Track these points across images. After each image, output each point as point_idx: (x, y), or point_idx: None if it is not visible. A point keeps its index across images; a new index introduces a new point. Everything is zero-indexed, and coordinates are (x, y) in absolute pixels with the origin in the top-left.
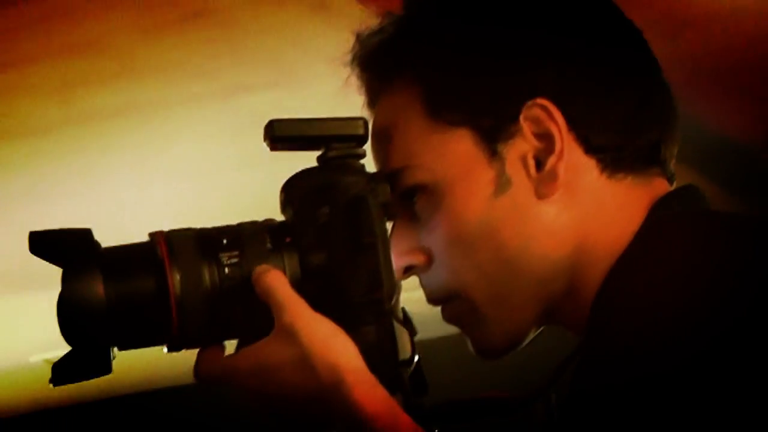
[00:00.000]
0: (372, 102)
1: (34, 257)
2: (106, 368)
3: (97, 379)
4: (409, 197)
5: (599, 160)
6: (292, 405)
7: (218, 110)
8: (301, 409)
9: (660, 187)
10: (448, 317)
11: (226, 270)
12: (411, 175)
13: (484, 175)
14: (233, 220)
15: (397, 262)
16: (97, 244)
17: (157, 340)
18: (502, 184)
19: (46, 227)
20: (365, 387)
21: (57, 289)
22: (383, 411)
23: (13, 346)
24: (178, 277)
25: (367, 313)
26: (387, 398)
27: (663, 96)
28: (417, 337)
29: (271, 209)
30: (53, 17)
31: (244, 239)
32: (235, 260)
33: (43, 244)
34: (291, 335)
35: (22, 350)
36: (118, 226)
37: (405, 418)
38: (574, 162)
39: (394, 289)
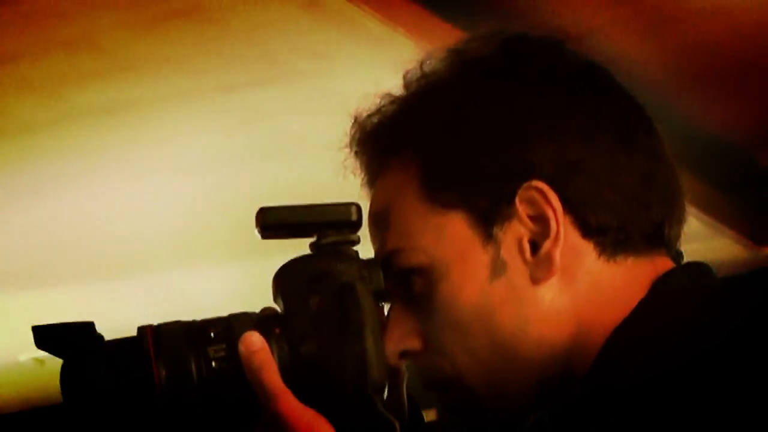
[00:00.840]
0: (370, 182)
1: (25, 257)
2: None
3: None
4: (405, 279)
5: (598, 243)
6: None
7: (210, 107)
8: None
9: (663, 265)
10: (445, 405)
11: (213, 363)
12: (407, 257)
13: (479, 259)
14: (226, 217)
15: (393, 346)
16: (100, 338)
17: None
18: (497, 268)
19: (36, 226)
20: None
21: (47, 288)
22: None
23: (2, 344)
24: (164, 372)
25: (351, 404)
26: None
27: (666, 173)
28: None
29: (264, 204)
30: (43, 14)
31: (233, 332)
32: (222, 353)
33: (47, 337)
34: (277, 424)
35: (12, 349)
36: (111, 224)
37: None
38: (572, 245)
39: (384, 381)
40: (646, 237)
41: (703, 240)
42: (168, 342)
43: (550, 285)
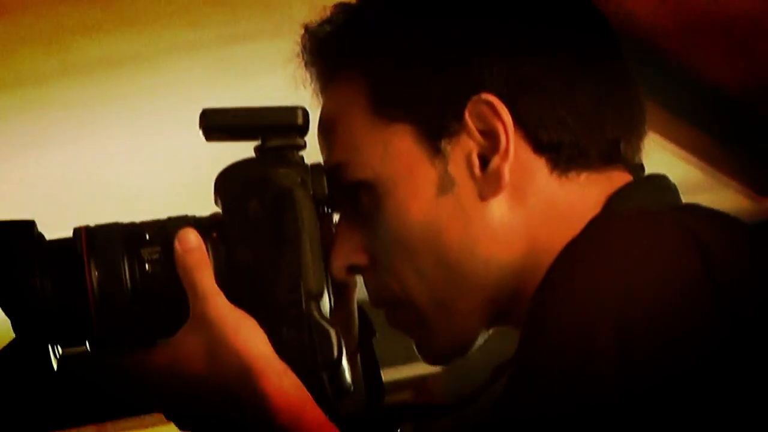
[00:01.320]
0: (321, 91)
1: (27, 209)
2: (48, 366)
3: None
4: (352, 194)
5: (550, 159)
6: (203, 402)
7: (212, 59)
8: (212, 406)
9: (620, 180)
10: (393, 323)
11: (147, 266)
12: (352, 171)
13: (426, 175)
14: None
15: (339, 261)
16: (40, 237)
17: (79, 339)
18: (444, 184)
19: (38, 178)
20: (273, 376)
21: None
22: (290, 404)
23: None
24: (96, 273)
25: (286, 313)
26: (297, 389)
27: (626, 88)
28: None
29: None
30: None
31: (168, 233)
32: (156, 256)
33: None
34: (202, 323)
35: None
36: (114, 177)
37: (313, 414)
38: (522, 161)
39: (322, 288)
40: (601, 153)
41: (706, 191)
42: (102, 244)
43: (500, 202)
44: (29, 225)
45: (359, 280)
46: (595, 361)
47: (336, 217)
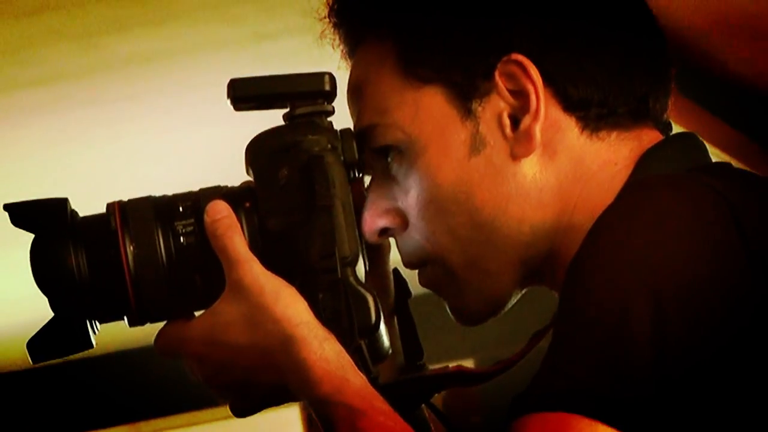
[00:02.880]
0: (348, 55)
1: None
2: (86, 342)
3: None
4: (383, 155)
5: (580, 118)
6: (244, 369)
7: (246, 56)
8: (253, 374)
9: (650, 139)
10: (425, 282)
11: (182, 239)
12: (383, 133)
13: (457, 135)
14: None
15: (372, 223)
16: (73, 215)
17: (117, 315)
18: (476, 145)
19: (72, 174)
20: (314, 343)
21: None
22: (331, 371)
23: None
24: (131, 248)
25: (321, 279)
26: (338, 356)
27: (653, 45)
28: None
29: None
30: None
31: (201, 205)
32: (190, 228)
33: (20, 214)
34: (240, 290)
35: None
36: (142, 174)
37: (355, 381)
38: (553, 120)
39: (356, 253)
40: (630, 111)
41: None
42: (136, 218)
43: (531, 161)
44: (63, 202)
45: (392, 243)
46: (630, 332)
47: (367, 180)
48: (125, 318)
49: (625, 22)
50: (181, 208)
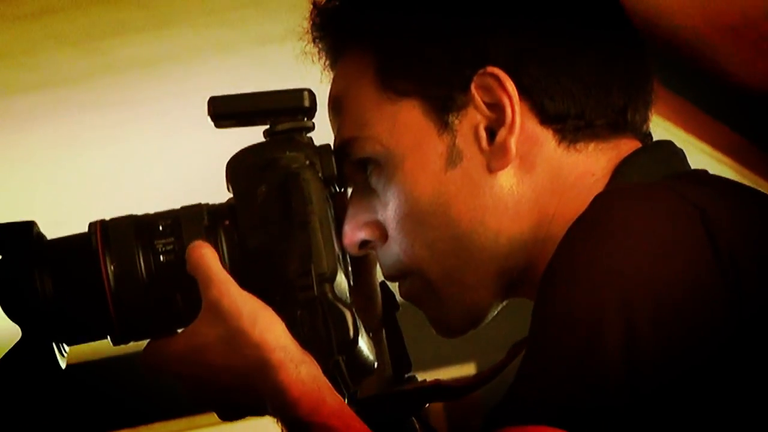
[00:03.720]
0: (330, 67)
1: (59, 209)
2: (54, 365)
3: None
4: (363, 168)
5: (557, 131)
6: (222, 388)
7: (247, 60)
8: (232, 393)
9: (628, 149)
10: (405, 294)
11: (162, 258)
12: (362, 146)
13: (434, 148)
14: None
15: (352, 235)
16: (39, 237)
17: (99, 334)
18: (453, 157)
19: (73, 179)
20: (290, 366)
21: None
22: (307, 393)
23: None
24: (112, 268)
25: (298, 295)
26: (314, 378)
27: (632, 55)
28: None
29: None
30: None
31: (181, 223)
32: (170, 247)
33: None
34: (217, 313)
35: None
36: (147, 178)
37: (331, 402)
38: (529, 133)
39: (334, 269)
40: (608, 123)
41: None
42: (116, 237)
43: (508, 174)
44: (27, 226)
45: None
46: (602, 343)
47: (349, 193)
48: (108, 337)
49: (603, 34)
50: (161, 227)
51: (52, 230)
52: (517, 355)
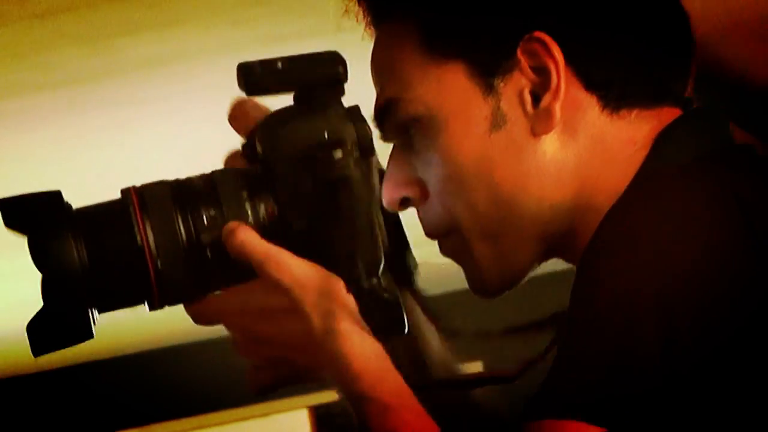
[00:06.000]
0: (374, 26)
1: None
2: (88, 333)
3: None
4: (405, 128)
5: (601, 97)
6: (280, 348)
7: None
8: (289, 354)
9: (669, 117)
10: (444, 252)
11: (202, 228)
12: (404, 107)
13: (479, 111)
14: None
15: (393, 192)
16: (67, 206)
17: (136, 300)
18: (497, 121)
19: (84, 177)
20: (357, 339)
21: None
22: (370, 369)
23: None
24: (152, 233)
25: (348, 286)
26: (378, 356)
27: (675, 24)
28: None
29: None
30: None
31: (220, 194)
32: (211, 217)
33: (12, 212)
34: (278, 287)
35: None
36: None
37: (392, 381)
38: (573, 99)
39: (379, 260)
40: (651, 90)
41: None
42: (153, 202)
43: (551, 139)
44: (56, 195)
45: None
46: (636, 331)
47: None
48: (145, 302)
49: (648, 3)
50: (200, 191)
51: None
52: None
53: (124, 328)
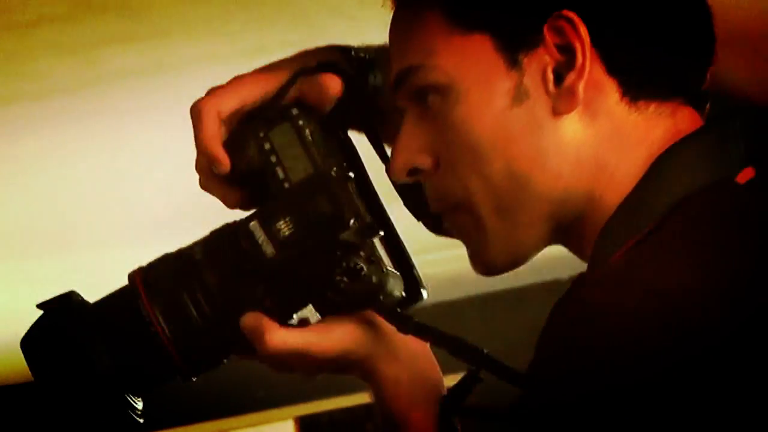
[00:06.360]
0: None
1: (54, 219)
2: (134, 422)
3: None
4: (422, 97)
5: (622, 82)
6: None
7: (241, 70)
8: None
9: (683, 119)
10: (450, 226)
11: (207, 290)
12: (425, 74)
13: (501, 84)
14: None
15: (402, 161)
16: (82, 305)
17: (169, 379)
18: (519, 95)
19: (69, 188)
20: (392, 383)
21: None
22: (402, 396)
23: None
24: (161, 315)
25: (340, 265)
26: (412, 388)
27: (698, 18)
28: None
29: None
30: None
31: (218, 250)
32: (213, 279)
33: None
34: (326, 364)
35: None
36: (141, 187)
37: (423, 415)
38: (595, 80)
39: (379, 286)
40: (669, 81)
41: None
42: (159, 284)
43: (572, 119)
44: (67, 298)
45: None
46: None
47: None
48: (176, 378)
49: None
50: (199, 259)
51: (50, 239)
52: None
53: None
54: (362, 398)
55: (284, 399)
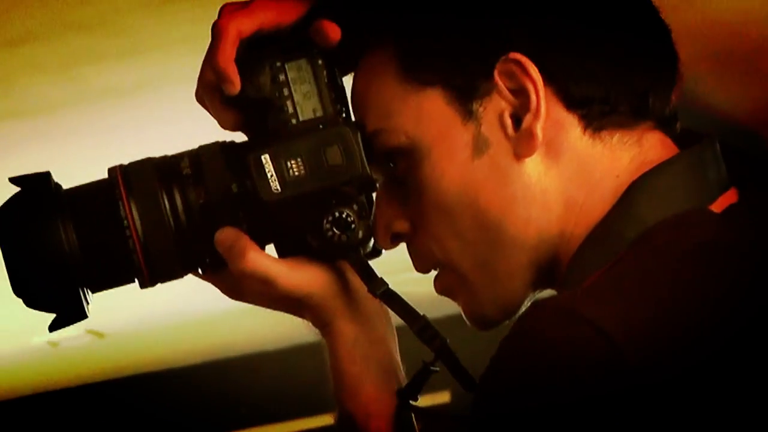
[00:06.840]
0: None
1: None
2: (81, 313)
3: (100, 361)
4: (388, 161)
5: (582, 116)
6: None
7: None
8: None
9: (650, 145)
10: (439, 289)
11: (185, 199)
12: (386, 138)
13: (460, 137)
14: None
15: (385, 230)
16: (57, 187)
17: (127, 279)
18: (479, 146)
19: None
20: (348, 338)
21: None
22: (354, 372)
23: (15, 327)
24: (137, 213)
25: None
26: (366, 355)
27: (654, 38)
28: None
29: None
30: None
31: (202, 162)
32: (196, 195)
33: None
34: (291, 297)
35: (25, 332)
36: None
37: (370, 386)
38: (555, 119)
39: (363, 241)
40: (632, 108)
41: None
42: (138, 182)
43: (535, 161)
44: (45, 176)
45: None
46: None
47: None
48: (135, 280)
49: (626, 16)
50: (181, 167)
51: None
52: None
53: (132, 343)
54: None
55: (267, 417)
